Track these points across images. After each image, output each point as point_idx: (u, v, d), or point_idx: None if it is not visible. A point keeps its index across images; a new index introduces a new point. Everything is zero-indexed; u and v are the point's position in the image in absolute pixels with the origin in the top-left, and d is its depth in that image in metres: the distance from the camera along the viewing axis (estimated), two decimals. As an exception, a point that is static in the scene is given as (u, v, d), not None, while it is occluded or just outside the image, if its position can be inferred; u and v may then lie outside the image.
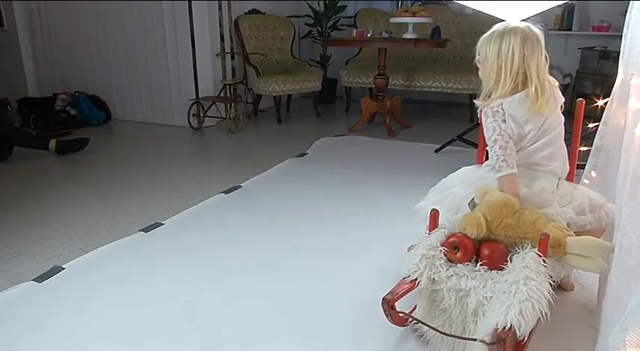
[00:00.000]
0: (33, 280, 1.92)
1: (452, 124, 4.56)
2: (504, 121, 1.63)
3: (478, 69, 1.72)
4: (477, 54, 1.69)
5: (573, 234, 1.47)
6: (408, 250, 2.05)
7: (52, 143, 3.71)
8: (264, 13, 5.37)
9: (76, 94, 4.90)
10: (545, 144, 1.67)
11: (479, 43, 1.68)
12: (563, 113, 1.70)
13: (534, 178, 1.67)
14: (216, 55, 4.79)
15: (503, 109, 1.62)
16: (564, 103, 1.70)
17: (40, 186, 3.14)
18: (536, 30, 1.63)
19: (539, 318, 1.30)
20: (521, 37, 1.59)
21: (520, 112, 1.61)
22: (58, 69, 5.39)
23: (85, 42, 5.09)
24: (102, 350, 1.52)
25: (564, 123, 1.71)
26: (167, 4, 4.42)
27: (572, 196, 1.66)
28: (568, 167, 1.77)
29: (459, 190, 1.78)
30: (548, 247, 1.39)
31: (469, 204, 1.54)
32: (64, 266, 2.02)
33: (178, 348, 1.53)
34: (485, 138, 1.68)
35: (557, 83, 1.70)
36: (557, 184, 1.68)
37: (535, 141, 1.67)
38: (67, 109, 4.83)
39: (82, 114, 4.83)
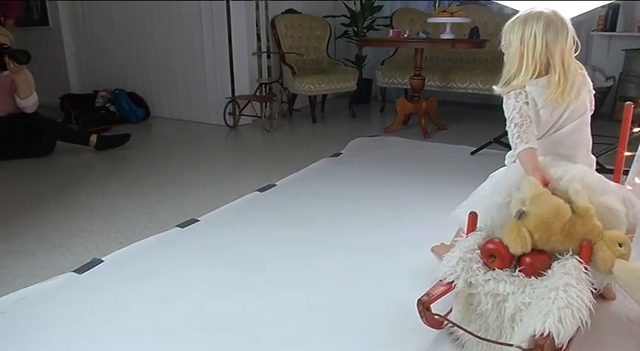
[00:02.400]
0: (73, 271, 1.97)
1: (488, 126, 4.48)
2: (527, 103, 1.60)
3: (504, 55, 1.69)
4: (502, 39, 1.68)
5: (626, 252, 1.38)
6: (432, 251, 2.04)
7: (93, 138, 3.80)
8: (300, 12, 5.39)
9: (116, 91, 5.02)
10: (569, 132, 1.63)
11: (504, 28, 1.67)
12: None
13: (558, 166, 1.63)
14: (253, 54, 4.83)
15: (526, 92, 1.60)
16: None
17: (81, 180, 3.23)
18: (562, 15, 1.59)
19: (579, 326, 1.26)
20: (544, 23, 1.55)
21: (541, 97, 1.59)
22: (98, 67, 5.53)
23: (125, 41, 5.21)
24: (136, 342, 1.55)
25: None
26: (205, 4, 4.49)
27: (604, 184, 1.59)
28: (593, 157, 1.71)
29: (489, 193, 1.75)
30: (590, 254, 1.35)
31: (515, 214, 1.42)
32: (103, 259, 2.07)
33: (212, 343, 1.55)
34: (506, 118, 1.65)
35: (584, 70, 1.65)
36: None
37: (557, 129, 1.63)
38: (107, 105, 4.96)
39: (122, 111, 4.95)
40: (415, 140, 4.08)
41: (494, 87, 1.71)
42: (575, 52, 1.61)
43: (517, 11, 1.67)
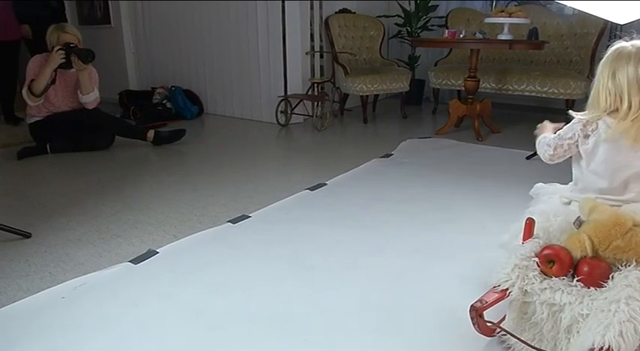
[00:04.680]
0: (129, 261, 2.04)
1: (545, 130, 4.34)
2: (587, 136, 1.53)
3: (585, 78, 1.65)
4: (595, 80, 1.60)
5: None
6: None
7: (151, 134, 3.93)
8: (354, 12, 5.38)
9: (172, 88, 5.16)
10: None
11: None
12: None
13: None
14: (306, 53, 4.86)
15: (597, 124, 1.51)
16: None
17: (138, 174, 3.34)
18: None
19: (643, 342, 1.21)
20: (634, 60, 1.44)
21: (608, 128, 1.50)
22: (156, 64, 5.71)
23: (182, 39, 5.35)
24: (187, 332, 1.59)
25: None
26: (261, 4, 4.55)
27: None
28: None
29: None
30: (655, 266, 1.29)
31: (574, 222, 1.44)
32: (157, 250, 2.14)
33: (260, 337, 1.57)
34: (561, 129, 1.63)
35: None
36: None
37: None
38: (164, 102, 5.10)
39: (177, 107, 5.08)
40: (468, 143, 4.00)
41: (571, 111, 1.64)
42: None
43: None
